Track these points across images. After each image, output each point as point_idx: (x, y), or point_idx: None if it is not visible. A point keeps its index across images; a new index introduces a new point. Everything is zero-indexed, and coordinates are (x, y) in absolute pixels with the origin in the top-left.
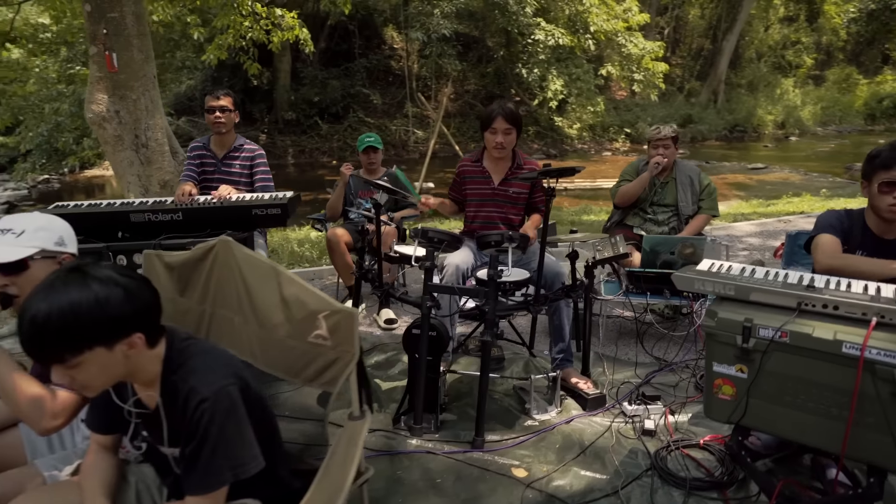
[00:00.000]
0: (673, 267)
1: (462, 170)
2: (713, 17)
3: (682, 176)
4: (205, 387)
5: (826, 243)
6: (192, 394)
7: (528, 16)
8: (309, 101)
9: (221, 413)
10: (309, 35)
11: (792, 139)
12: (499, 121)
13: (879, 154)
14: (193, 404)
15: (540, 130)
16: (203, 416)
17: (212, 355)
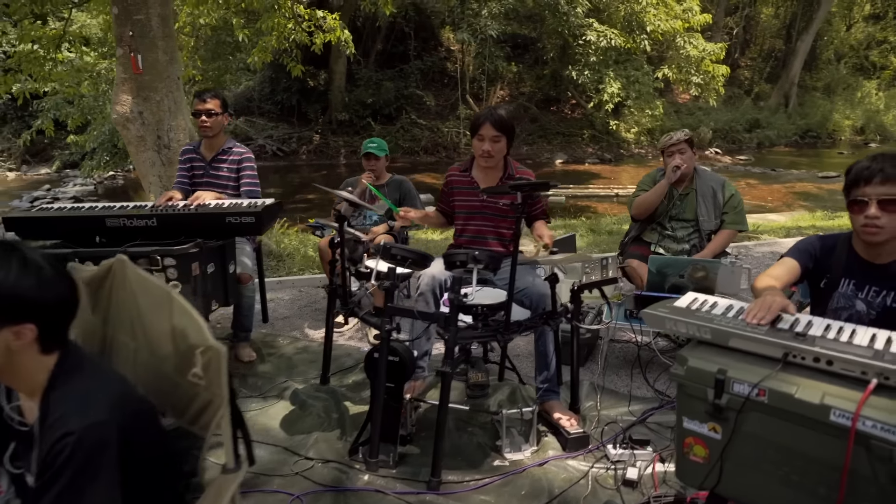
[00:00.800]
0: (682, 291)
1: (450, 179)
2: (788, 16)
3: (703, 187)
4: (76, 417)
5: (774, 267)
6: (59, 422)
7: (579, 16)
8: (362, 103)
9: (83, 454)
10: (350, 37)
11: (872, 146)
12: (486, 127)
13: (852, 169)
14: (57, 435)
15: (595, 134)
16: (62, 453)
17: (102, 382)
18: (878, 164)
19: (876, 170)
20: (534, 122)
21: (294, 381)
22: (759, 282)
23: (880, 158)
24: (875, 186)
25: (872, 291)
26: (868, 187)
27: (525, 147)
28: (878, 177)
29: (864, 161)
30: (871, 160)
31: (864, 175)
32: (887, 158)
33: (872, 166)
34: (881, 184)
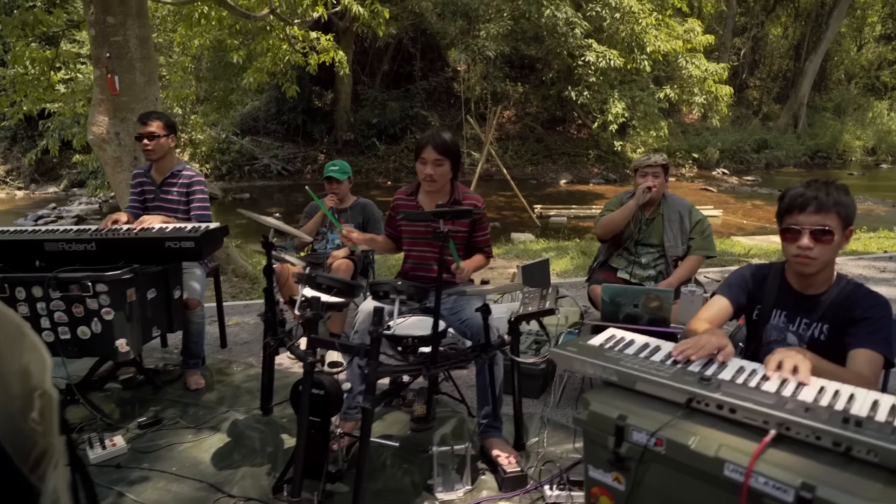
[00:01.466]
0: (638, 321)
1: (396, 203)
2: (796, 36)
3: (669, 211)
4: None
5: (706, 307)
6: None
7: (577, 37)
8: (368, 123)
9: None
10: (345, 57)
11: (884, 167)
12: (428, 150)
13: (785, 195)
14: None
15: (601, 155)
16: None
17: None
18: (812, 191)
19: (810, 198)
20: (539, 143)
21: (236, 412)
22: (691, 326)
23: (814, 186)
24: (808, 215)
25: (803, 324)
26: (801, 216)
27: (530, 167)
28: (811, 206)
29: (798, 187)
30: (805, 187)
31: (797, 203)
32: (821, 186)
33: (806, 194)
34: (815, 213)
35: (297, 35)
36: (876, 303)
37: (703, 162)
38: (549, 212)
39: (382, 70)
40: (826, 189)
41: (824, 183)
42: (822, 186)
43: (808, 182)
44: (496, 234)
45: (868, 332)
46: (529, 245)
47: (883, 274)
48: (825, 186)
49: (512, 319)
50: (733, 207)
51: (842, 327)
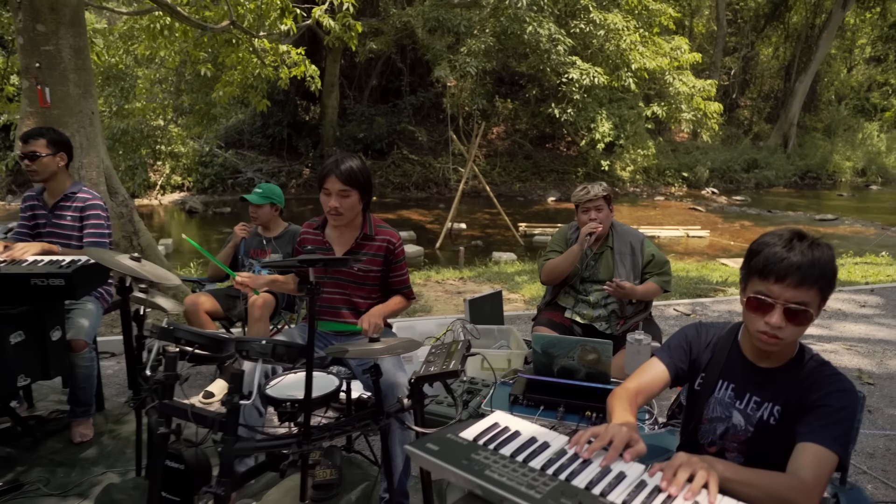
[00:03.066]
0: (574, 375)
1: (302, 238)
2: (787, 57)
3: (620, 244)
4: None
5: (640, 371)
6: None
7: (560, 54)
8: (354, 137)
9: None
10: (317, 72)
11: (873, 188)
12: (331, 180)
13: (761, 250)
14: None
15: (589, 173)
16: None
17: None
18: (796, 256)
19: (792, 266)
20: (528, 159)
21: (114, 473)
22: (615, 397)
23: (798, 248)
24: (786, 288)
25: (753, 402)
26: (777, 286)
27: (518, 184)
28: (792, 277)
29: (777, 245)
30: (787, 246)
31: (775, 269)
32: (806, 250)
33: (788, 259)
34: (794, 287)
35: (266, 48)
36: (839, 389)
37: (692, 181)
38: (534, 230)
39: (370, 85)
40: (811, 255)
41: (809, 244)
42: (806, 250)
43: (790, 238)
44: (478, 253)
45: (822, 425)
46: (505, 267)
47: (862, 309)
48: (810, 251)
49: (412, 380)
50: (721, 228)
51: (795, 412)
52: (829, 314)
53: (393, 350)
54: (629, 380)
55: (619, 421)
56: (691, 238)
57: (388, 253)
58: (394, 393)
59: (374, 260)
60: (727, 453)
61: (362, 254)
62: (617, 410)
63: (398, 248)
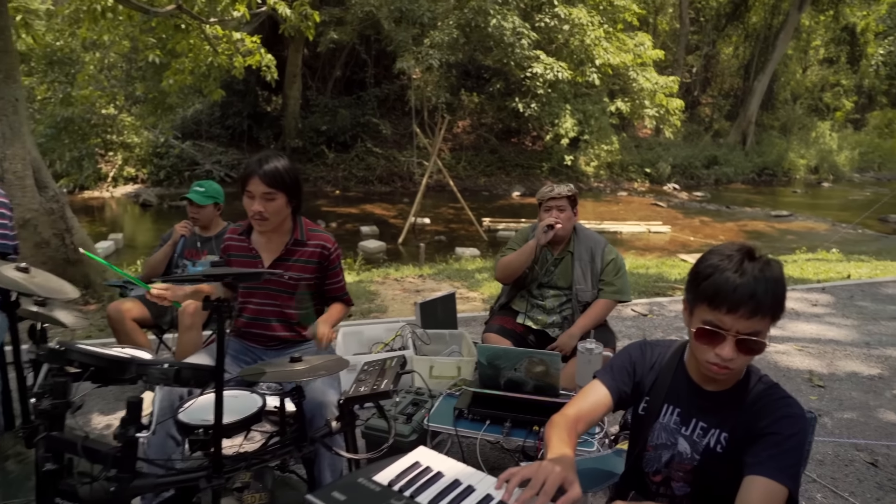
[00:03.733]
0: (521, 388)
1: (226, 244)
2: (746, 56)
3: (580, 250)
4: None
5: (582, 395)
6: None
7: (524, 48)
8: (317, 130)
9: None
10: (274, 61)
11: (825, 185)
12: (254, 182)
13: (710, 274)
14: None
15: (554, 167)
16: None
17: None
18: (750, 284)
19: (744, 296)
20: (493, 154)
21: None
22: (552, 426)
23: (751, 273)
24: (738, 319)
25: (699, 428)
26: (729, 317)
27: (483, 178)
28: (745, 307)
29: (728, 269)
30: (739, 271)
31: (729, 299)
32: (759, 275)
33: (740, 288)
34: (748, 317)
35: (219, 35)
36: (788, 415)
37: (654, 177)
38: (498, 225)
39: (334, 76)
40: (765, 280)
41: (761, 268)
42: (759, 275)
43: (741, 261)
44: (441, 249)
45: (771, 455)
46: (466, 263)
47: (814, 308)
48: (762, 274)
49: (341, 401)
50: (682, 224)
51: (743, 440)
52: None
53: (315, 371)
54: (568, 405)
55: (555, 454)
56: (653, 234)
57: (323, 259)
58: (322, 414)
59: (306, 267)
60: (673, 482)
61: (293, 261)
62: (553, 442)
63: (333, 254)
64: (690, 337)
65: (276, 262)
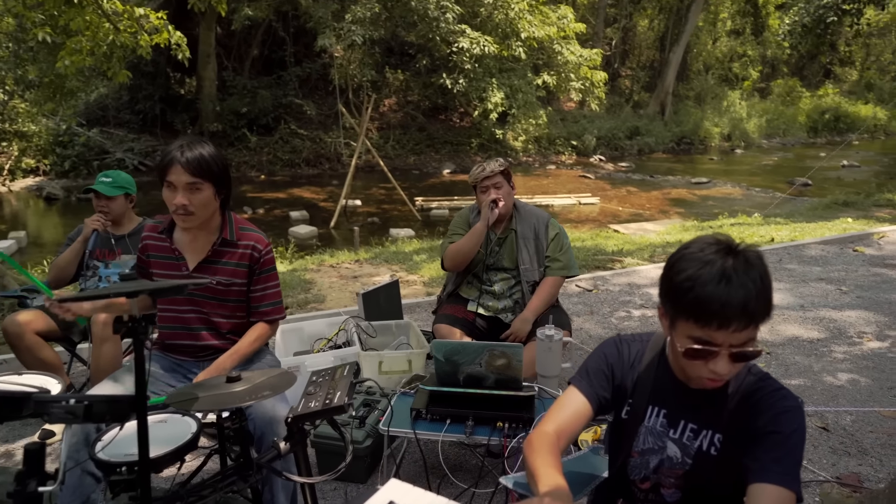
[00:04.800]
0: (482, 383)
1: (144, 244)
2: (661, 28)
3: (523, 227)
4: None
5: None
6: None
7: (450, 22)
8: (236, 112)
9: None
10: (185, 40)
11: (738, 152)
12: (175, 171)
13: (689, 287)
14: None
15: (483, 143)
16: None
17: None
18: (738, 295)
19: (735, 309)
20: (421, 132)
21: None
22: (533, 449)
23: (737, 280)
24: (731, 334)
25: (689, 430)
26: (721, 333)
27: (413, 157)
28: (739, 321)
29: (710, 282)
30: (723, 280)
31: (717, 315)
32: (744, 277)
33: (731, 300)
34: (741, 329)
35: (119, 10)
36: (786, 409)
37: (581, 149)
38: (431, 204)
39: (251, 55)
40: (752, 283)
41: (744, 266)
42: (745, 280)
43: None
44: (374, 231)
45: (775, 458)
46: (402, 246)
47: None
48: (748, 276)
49: (289, 420)
50: (610, 194)
51: (741, 440)
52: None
53: (258, 393)
54: (545, 420)
55: (549, 486)
56: (583, 205)
57: (253, 262)
58: (272, 430)
59: (236, 271)
60: (663, 489)
61: (221, 263)
62: (540, 471)
63: (265, 256)
64: (674, 351)
65: (203, 265)
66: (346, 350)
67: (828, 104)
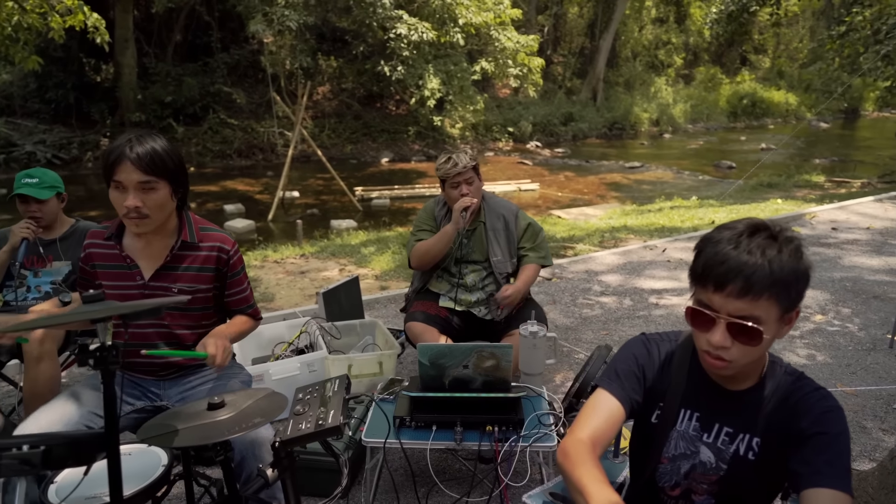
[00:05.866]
0: (469, 386)
1: (88, 253)
2: (590, 15)
3: (492, 219)
4: None
5: (589, 412)
6: None
7: (387, 8)
8: (160, 101)
9: None
10: (103, 22)
11: (666, 136)
12: (125, 169)
13: (702, 248)
14: None
15: (421, 131)
16: None
17: None
18: (742, 257)
19: (733, 270)
20: (357, 120)
21: None
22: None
23: (747, 246)
24: (728, 298)
25: (724, 434)
26: (718, 296)
27: (350, 146)
28: (734, 283)
29: (723, 242)
30: (734, 244)
31: (714, 273)
32: (755, 249)
33: (731, 260)
34: (738, 296)
35: None
36: (828, 409)
37: (517, 135)
38: (371, 194)
39: (174, 40)
40: (761, 254)
41: (765, 238)
42: (755, 249)
43: (741, 233)
44: (315, 223)
45: (827, 461)
46: (348, 238)
47: None
48: (760, 249)
49: (277, 444)
50: (549, 180)
51: (783, 444)
52: (675, 264)
53: (248, 421)
54: (577, 426)
55: (603, 499)
56: (523, 192)
57: (221, 265)
58: (254, 455)
59: (199, 276)
60: (694, 495)
61: (182, 269)
62: (590, 487)
63: (234, 258)
64: (693, 333)
65: (161, 273)
66: (313, 355)
67: (745, 90)
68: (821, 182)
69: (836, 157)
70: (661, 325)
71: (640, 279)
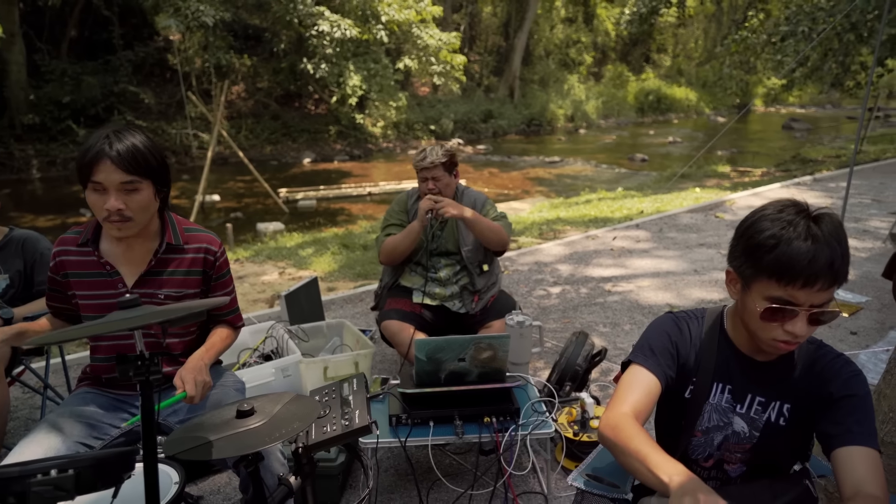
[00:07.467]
0: (465, 379)
1: (60, 261)
2: (504, 15)
3: None
4: None
5: (627, 387)
6: None
7: (308, 4)
8: (57, 102)
9: None
10: None
11: (581, 132)
12: (104, 168)
13: (773, 245)
14: None
15: (342, 130)
16: None
17: None
18: (826, 252)
19: (824, 267)
20: (275, 120)
21: None
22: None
23: (823, 238)
24: (813, 293)
25: (756, 403)
26: (804, 292)
27: (269, 147)
28: (825, 278)
29: (795, 238)
30: (809, 238)
31: (804, 271)
32: (833, 243)
33: (818, 258)
34: (826, 288)
35: None
36: (853, 372)
37: (439, 133)
38: (297, 195)
39: (69, 36)
40: (837, 243)
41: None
42: (831, 240)
43: (806, 226)
44: (239, 227)
45: (857, 420)
46: (283, 240)
47: (640, 244)
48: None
49: (299, 450)
50: (474, 176)
51: (813, 408)
52: (618, 252)
53: (287, 426)
54: (617, 401)
55: (675, 471)
56: None
57: (208, 267)
58: (271, 467)
59: (187, 280)
60: (727, 465)
61: (167, 273)
62: (652, 457)
63: (220, 259)
64: (747, 315)
65: (145, 278)
66: (287, 359)
67: (650, 87)
68: (727, 172)
69: (735, 149)
70: (618, 310)
71: (588, 268)
